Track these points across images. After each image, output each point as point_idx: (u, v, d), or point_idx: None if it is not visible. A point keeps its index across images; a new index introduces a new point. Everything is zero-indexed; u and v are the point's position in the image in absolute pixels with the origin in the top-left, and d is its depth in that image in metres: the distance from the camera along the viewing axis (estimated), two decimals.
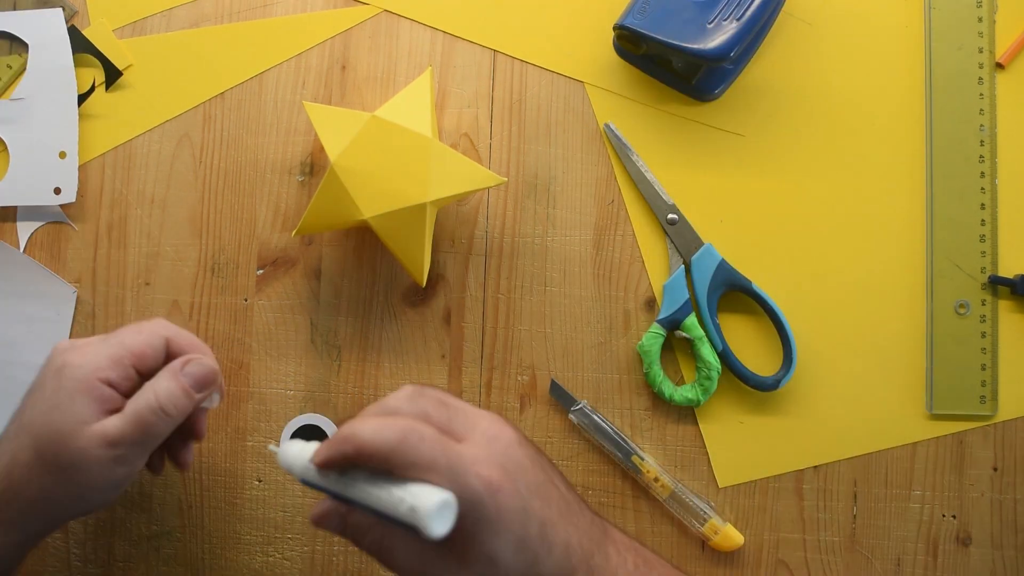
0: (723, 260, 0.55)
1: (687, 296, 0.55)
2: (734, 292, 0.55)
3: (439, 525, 0.36)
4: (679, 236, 0.56)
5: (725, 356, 0.54)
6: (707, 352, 0.54)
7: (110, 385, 0.43)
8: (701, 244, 0.56)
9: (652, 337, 0.55)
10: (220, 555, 0.56)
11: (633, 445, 0.55)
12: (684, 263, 0.56)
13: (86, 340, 0.45)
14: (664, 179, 0.56)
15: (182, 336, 0.46)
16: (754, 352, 0.56)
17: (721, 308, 0.56)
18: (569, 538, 0.40)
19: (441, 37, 0.58)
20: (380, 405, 0.40)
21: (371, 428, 0.38)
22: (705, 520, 0.54)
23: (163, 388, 0.43)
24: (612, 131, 0.57)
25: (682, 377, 0.56)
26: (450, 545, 0.38)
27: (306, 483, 0.42)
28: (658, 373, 0.55)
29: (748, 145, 0.57)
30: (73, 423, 0.42)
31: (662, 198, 0.56)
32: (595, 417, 0.55)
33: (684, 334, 0.55)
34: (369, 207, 0.51)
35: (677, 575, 0.44)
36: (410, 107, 0.53)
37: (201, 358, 0.45)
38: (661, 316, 0.55)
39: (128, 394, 0.44)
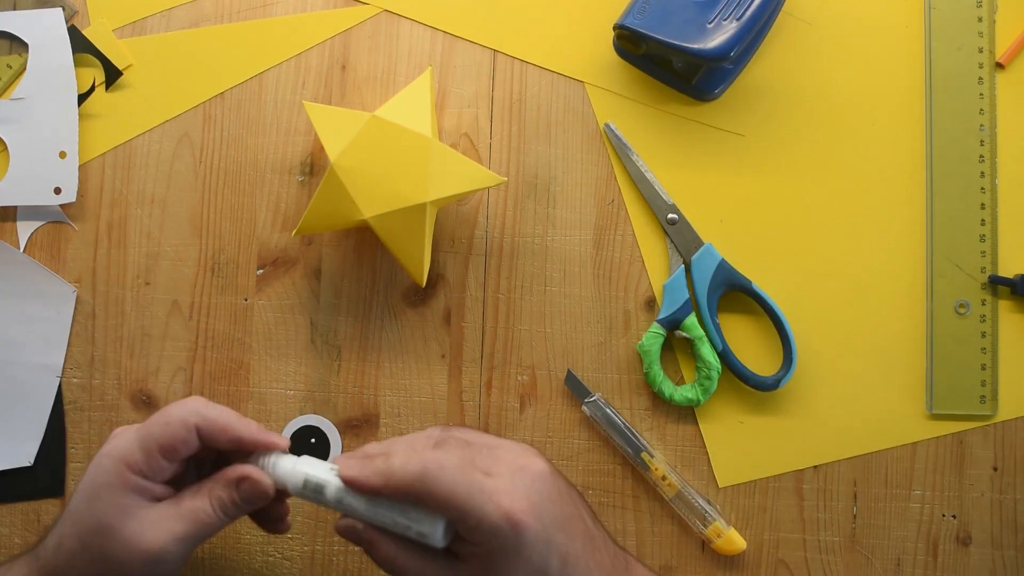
0: (723, 260, 0.55)
1: (687, 296, 0.55)
2: (734, 292, 0.55)
3: (438, 540, 0.39)
4: (679, 236, 0.56)
5: (725, 356, 0.54)
6: (707, 352, 0.54)
7: (142, 475, 0.42)
8: (701, 244, 0.56)
9: (652, 337, 0.55)
10: (220, 555, 0.56)
11: (644, 441, 0.55)
12: (684, 263, 0.56)
13: (127, 429, 0.44)
14: (664, 179, 0.56)
15: (216, 418, 0.43)
16: (754, 352, 0.56)
17: (721, 308, 0.56)
18: (591, 573, 0.40)
19: (441, 37, 0.58)
20: (406, 440, 0.42)
21: (400, 461, 0.40)
22: (709, 522, 0.54)
23: (218, 498, 0.43)
24: (612, 131, 0.57)
25: (682, 377, 0.56)
26: (467, 568, 0.38)
27: (304, 498, 0.43)
28: (658, 373, 0.54)
29: (748, 145, 0.57)
30: (114, 513, 0.41)
31: (662, 198, 0.56)
32: (608, 410, 0.55)
33: (684, 334, 0.55)
34: (369, 207, 0.51)
35: None
36: (410, 107, 0.53)
37: (257, 476, 0.43)
38: (661, 316, 0.55)
39: (171, 479, 0.43)
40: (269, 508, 0.45)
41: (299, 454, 0.45)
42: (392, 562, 0.40)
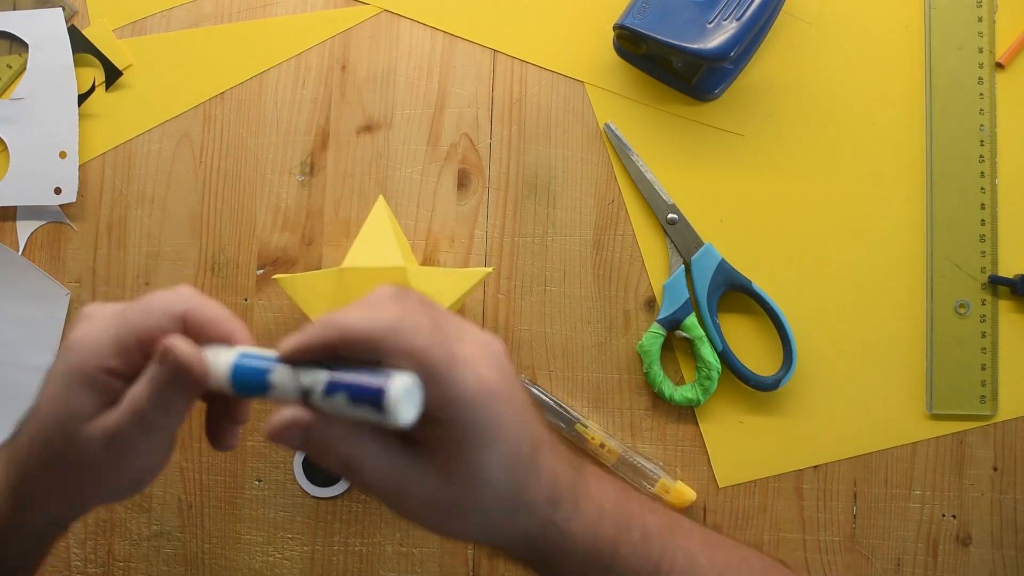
0: (723, 260, 0.55)
1: (687, 296, 0.55)
2: (734, 292, 0.55)
3: (407, 411, 0.31)
4: (679, 236, 0.56)
5: (725, 356, 0.54)
6: (707, 352, 0.54)
7: (112, 374, 0.37)
8: (701, 244, 0.56)
9: (652, 337, 0.55)
10: (220, 555, 0.56)
11: (576, 413, 0.55)
12: (684, 263, 0.56)
13: (103, 311, 0.38)
14: (664, 179, 0.56)
15: (204, 309, 0.37)
16: (754, 352, 0.56)
17: (721, 308, 0.56)
18: (556, 466, 0.36)
19: (441, 37, 0.58)
20: (359, 302, 0.35)
21: (359, 314, 0.34)
22: (656, 480, 0.54)
23: (149, 377, 0.36)
24: (612, 131, 0.57)
25: (682, 377, 0.56)
26: (433, 457, 0.34)
27: (243, 393, 0.36)
28: (658, 373, 0.54)
29: (748, 145, 0.57)
30: (71, 416, 0.37)
31: (662, 198, 0.56)
32: (534, 390, 0.55)
33: (684, 334, 0.55)
34: None
35: (651, 503, 0.40)
36: (375, 242, 0.52)
37: (182, 348, 0.36)
38: (661, 316, 0.55)
39: (134, 377, 0.37)
40: (218, 412, 0.40)
41: (313, 473, 0.42)
42: (348, 460, 0.34)
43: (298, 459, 0.47)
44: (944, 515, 0.55)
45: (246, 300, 0.57)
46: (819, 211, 0.56)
